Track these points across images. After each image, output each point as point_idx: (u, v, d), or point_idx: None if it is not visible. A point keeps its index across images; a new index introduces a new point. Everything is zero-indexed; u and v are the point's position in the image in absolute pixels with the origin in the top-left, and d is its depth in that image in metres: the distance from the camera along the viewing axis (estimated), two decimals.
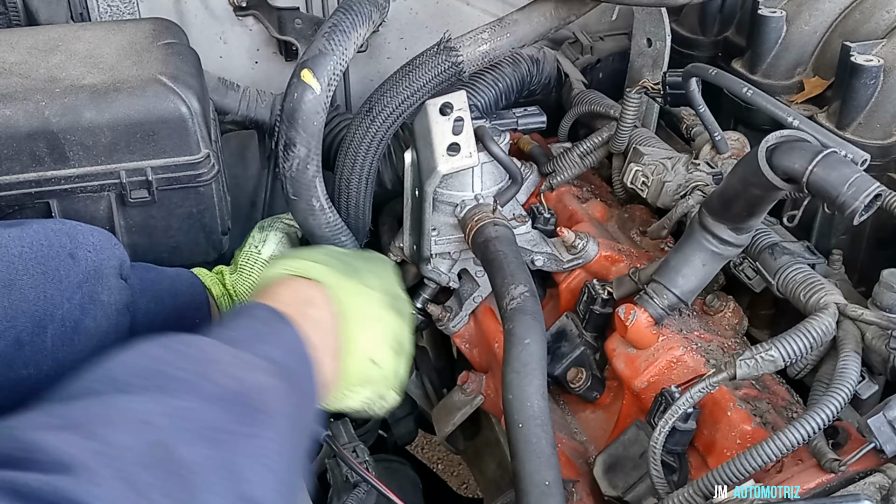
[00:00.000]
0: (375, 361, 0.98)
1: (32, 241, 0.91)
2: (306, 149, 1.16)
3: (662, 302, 1.07)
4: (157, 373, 0.69)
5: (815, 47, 1.32)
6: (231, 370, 0.72)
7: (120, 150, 1.13)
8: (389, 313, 1.01)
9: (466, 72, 1.25)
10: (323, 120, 1.16)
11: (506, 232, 1.16)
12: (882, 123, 1.18)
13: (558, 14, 1.24)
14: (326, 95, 1.15)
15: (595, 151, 1.37)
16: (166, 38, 1.25)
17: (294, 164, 1.17)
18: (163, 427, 0.63)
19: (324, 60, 1.14)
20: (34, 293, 0.89)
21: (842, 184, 0.86)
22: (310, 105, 1.14)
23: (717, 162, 1.24)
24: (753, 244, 1.09)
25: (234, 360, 0.74)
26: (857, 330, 0.95)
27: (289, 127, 1.15)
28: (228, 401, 0.69)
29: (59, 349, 0.90)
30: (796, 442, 0.86)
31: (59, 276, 0.91)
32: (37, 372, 0.89)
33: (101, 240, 0.98)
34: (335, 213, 1.25)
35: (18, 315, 0.87)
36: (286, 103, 1.15)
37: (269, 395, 0.73)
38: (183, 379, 0.69)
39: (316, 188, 1.20)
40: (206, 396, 0.68)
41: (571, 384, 1.19)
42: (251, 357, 0.75)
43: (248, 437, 0.68)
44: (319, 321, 0.89)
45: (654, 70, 1.44)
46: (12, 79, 1.12)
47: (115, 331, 0.96)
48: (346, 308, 0.93)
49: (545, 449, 0.89)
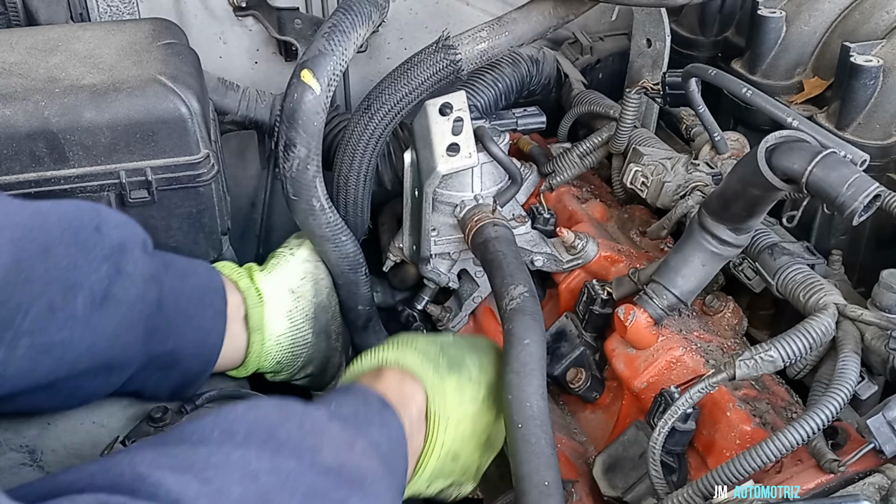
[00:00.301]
0: (459, 458, 1.01)
1: (66, 212, 0.95)
2: (306, 149, 1.16)
3: (662, 302, 1.07)
4: (272, 435, 0.75)
5: (814, 48, 1.32)
6: (340, 446, 0.79)
7: (119, 151, 1.13)
8: (486, 409, 1.03)
9: (465, 70, 1.25)
10: (323, 120, 1.16)
11: (505, 232, 1.17)
12: (881, 124, 1.18)
13: (557, 13, 1.24)
14: (326, 96, 1.15)
15: (595, 152, 1.37)
16: (166, 39, 1.25)
17: (294, 165, 1.17)
18: (269, 484, 0.69)
19: (323, 61, 1.14)
20: (67, 261, 0.92)
21: (841, 184, 0.86)
22: (310, 105, 1.14)
23: (716, 162, 1.24)
24: (753, 244, 1.09)
25: (344, 437, 0.80)
26: (856, 330, 0.95)
27: (289, 127, 1.15)
28: (333, 473, 0.75)
29: (90, 315, 0.93)
30: (796, 442, 0.86)
31: (88, 248, 0.94)
32: (70, 336, 0.92)
33: (124, 219, 1.02)
34: (335, 213, 1.25)
35: (51, 281, 0.90)
36: (286, 104, 1.15)
37: (369, 476, 0.79)
38: (296, 444, 0.75)
39: (316, 188, 1.20)
40: (312, 464, 0.74)
41: (571, 384, 1.19)
42: (360, 438, 0.82)
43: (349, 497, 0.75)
44: (413, 420, 0.95)
45: (654, 70, 1.44)
46: (12, 79, 1.12)
47: (142, 300, 0.99)
48: (440, 409, 0.98)
49: (545, 449, 0.90)
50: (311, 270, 1.26)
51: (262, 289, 1.19)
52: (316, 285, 1.26)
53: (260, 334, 1.17)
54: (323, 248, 1.27)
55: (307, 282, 1.25)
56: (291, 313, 1.22)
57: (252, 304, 1.17)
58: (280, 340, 1.20)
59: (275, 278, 1.22)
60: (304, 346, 1.24)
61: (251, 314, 1.17)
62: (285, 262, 1.25)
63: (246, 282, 1.19)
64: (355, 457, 0.80)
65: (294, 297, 1.23)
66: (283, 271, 1.24)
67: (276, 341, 1.20)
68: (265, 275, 1.22)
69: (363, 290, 1.34)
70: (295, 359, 1.23)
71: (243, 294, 1.17)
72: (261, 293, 1.19)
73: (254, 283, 1.19)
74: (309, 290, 1.25)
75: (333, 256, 1.28)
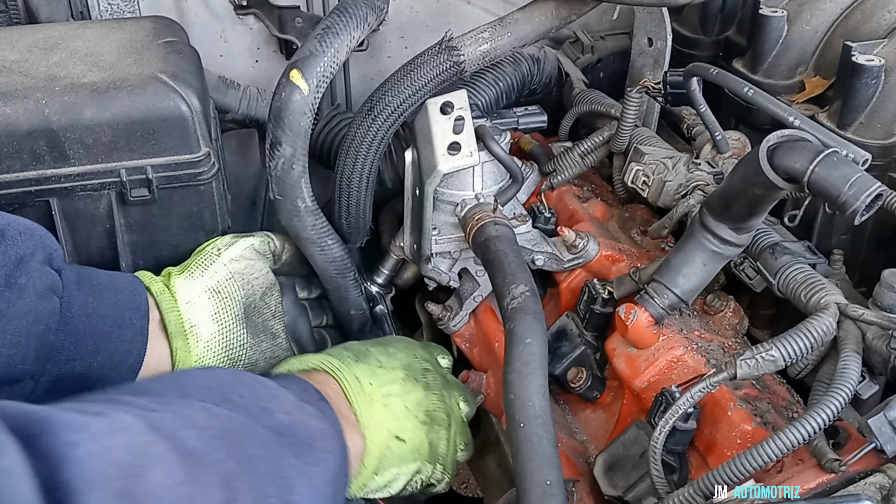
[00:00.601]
0: (402, 437, 1.00)
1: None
2: (292, 148, 1.15)
3: (663, 301, 1.07)
4: (226, 396, 0.76)
5: (816, 47, 1.32)
6: (291, 409, 0.80)
7: (120, 149, 1.13)
8: (410, 387, 1.03)
9: (468, 71, 1.25)
10: (310, 121, 1.16)
11: (506, 231, 1.16)
12: (883, 123, 1.17)
13: (559, 13, 1.24)
14: (315, 97, 1.15)
15: (596, 151, 1.37)
16: (167, 37, 1.25)
17: (279, 164, 1.16)
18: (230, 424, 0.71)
19: (314, 62, 1.14)
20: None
21: (843, 183, 0.86)
22: (297, 105, 1.14)
23: (717, 161, 1.24)
24: (754, 244, 1.09)
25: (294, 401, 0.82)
26: (857, 330, 0.95)
27: (275, 126, 1.15)
28: (287, 434, 0.76)
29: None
30: (797, 442, 0.86)
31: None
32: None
33: (31, 228, 0.98)
34: (321, 216, 1.24)
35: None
36: (274, 102, 1.15)
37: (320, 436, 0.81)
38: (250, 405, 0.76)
39: (301, 189, 1.19)
40: (267, 425, 0.75)
41: (572, 384, 1.19)
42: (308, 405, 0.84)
43: (300, 462, 0.75)
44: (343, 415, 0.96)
45: (655, 69, 1.44)
46: (12, 77, 1.12)
47: (33, 314, 0.95)
48: (358, 393, 0.99)
49: (547, 448, 0.89)
50: (239, 270, 1.20)
51: (178, 291, 1.14)
52: (247, 285, 1.20)
53: (183, 339, 1.11)
54: (309, 250, 1.25)
55: (234, 282, 1.19)
56: (218, 315, 1.16)
57: (167, 308, 1.12)
58: (211, 345, 1.14)
59: (193, 279, 1.17)
60: (240, 348, 1.18)
61: (167, 319, 1.11)
62: (208, 262, 1.19)
63: (159, 286, 1.14)
64: (306, 418, 0.81)
65: (218, 297, 1.17)
66: (204, 272, 1.18)
67: (206, 346, 1.14)
68: (181, 277, 1.16)
69: (353, 295, 1.32)
70: (233, 362, 1.17)
71: (156, 299, 1.12)
72: (175, 296, 1.14)
73: (169, 287, 1.14)
74: (236, 290, 1.19)
75: (319, 260, 1.26)
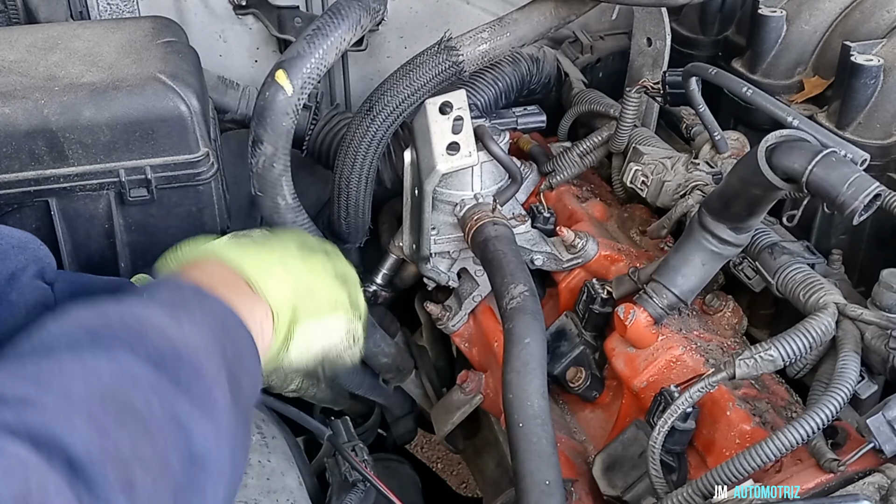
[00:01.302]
0: (315, 289, 0.95)
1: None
2: (273, 147, 1.17)
3: (662, 301, 1.07)
4: (95, 340, 0.70)
5: (815, 47, 1.32)
6: (166, 328, 0.73)
7: (119, 149, 1.13)
8: (306, 252, 0.97)
9: (467, 71, 1.25)
10: (293, 121, 1.17)
11: (505, 231, 1.16)
12: (882, 123, 1.18)
13: (558, 13, 1.24)
14: (299, 98, 1.16)
15: (595, 151, 1.37)
16: (166, 37, 1.25)
17: (261, 161, 1.18)
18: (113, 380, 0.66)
19: (300, 63, 1.15)
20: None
21: (841, 183, 0.86)
22: (280, 105, 1.15)
23: (716, 161, 1.24)
24: (753, 244, 1.09)
25: (167, 319, 0.75)
26: (856, 330, 0.95)
27: (258, 124, 1.17)
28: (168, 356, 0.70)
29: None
30: (795, 442, 0.86)
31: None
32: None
33: (25, 240, 0.97)
34: (302, 213, 1.24)
35: None
36: (258, 101, 1.17)
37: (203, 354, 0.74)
38: (122, 340, 0.70)
39: (282, 187, 1.21)
40: (147, 356, 0.69)
41: (571, 383, 1.19)
42: (183, 315, 0.76)
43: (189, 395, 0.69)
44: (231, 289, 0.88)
45: (654, 69, 1.44)
46: (11, 77, 1.12)
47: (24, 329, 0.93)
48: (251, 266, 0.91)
49: (546, 448, 0.89)
50: None
51: None
52: None
53: None
54: None
55: None
56: None
57: None
58: None
59: None
60: None
61: None
62: None
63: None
64: (185, 334, 0.75)
65: None
66: None
67: None
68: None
69: None
70: None
71: None
72: None
73: None
74: None
75: None
